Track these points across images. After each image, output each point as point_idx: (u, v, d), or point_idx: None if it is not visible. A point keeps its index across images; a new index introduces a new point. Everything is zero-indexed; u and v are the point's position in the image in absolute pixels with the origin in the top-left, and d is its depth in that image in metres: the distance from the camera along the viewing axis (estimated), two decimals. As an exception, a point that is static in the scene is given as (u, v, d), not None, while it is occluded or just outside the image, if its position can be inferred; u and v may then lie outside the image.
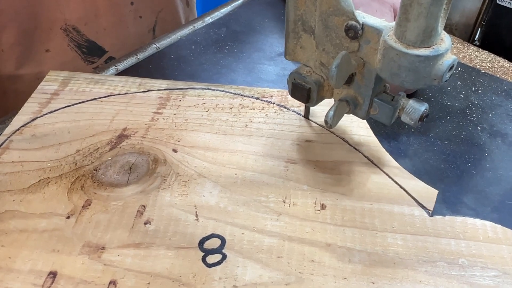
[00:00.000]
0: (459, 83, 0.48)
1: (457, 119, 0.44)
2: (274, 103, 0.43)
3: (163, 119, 0.41)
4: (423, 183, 0.36)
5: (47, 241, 0.31)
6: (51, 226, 0.32)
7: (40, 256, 0.30)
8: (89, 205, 0.34)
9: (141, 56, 0.50)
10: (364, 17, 0.30)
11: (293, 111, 0.42)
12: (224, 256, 0.31)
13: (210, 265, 0.30)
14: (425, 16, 0.26)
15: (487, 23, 0.56)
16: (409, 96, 0.36)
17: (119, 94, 0.43)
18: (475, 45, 0.57)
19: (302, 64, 0.36)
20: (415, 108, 0.32)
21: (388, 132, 0.42)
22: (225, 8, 0.59)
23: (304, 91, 0.36)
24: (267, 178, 0.36)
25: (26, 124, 0.40)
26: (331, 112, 0.33)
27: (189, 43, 0.53)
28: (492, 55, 0.54)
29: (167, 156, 0.37)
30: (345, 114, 0.35)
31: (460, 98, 0.46)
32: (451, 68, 0.28)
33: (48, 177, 0.35)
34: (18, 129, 0.39)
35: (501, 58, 0.53)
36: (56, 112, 0.41)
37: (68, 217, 0.33)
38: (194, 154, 0.37)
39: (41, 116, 0.41)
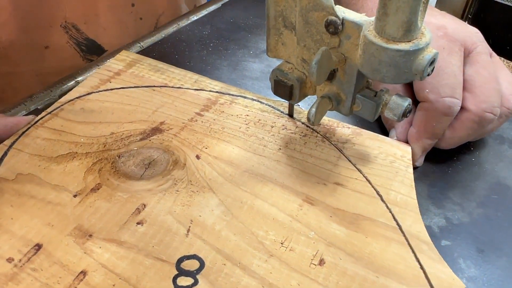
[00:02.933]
0: None
1: None
2: (319, 132, 0.39)
3: (202, 121, 0.40)
4: (450, 270, 0.30)
5: (48, 213, 0.32)
6: (57, 200, 0.33)
7: (36, 226, 0.32)
8: (98, 189, 0.34)
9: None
10: (344, 12, 0.30)
11: (335, 146, 0.38)
12: (196, 282, 0.29)
13: (178, 287, 0.29)
14: (404, 10, 0.25)
15: (473, 16, 0.56)
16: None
17: (172, 87, 0.43)
18: None
19: (284, 61, 0.36)
20: (398, 104, 0.32)
21: (373, 126, 0.42)
22: (211, 6, 0.59)
23: (286, 88, 0.35)
24: (275, 212, 0.33)
25: (81, 96, 0.42)
26: (313, 109, 0.33)
27: (172, 41, 0.52)
28: None
29: (188, 160, 0.36)
30: (386, 164, 0.31)
31: None
32: (432, 63, 0.28)
33: (76, 152, 0.37)
34: (72, 99, 0.42)
35: None
36: (110, 91, 0.43)
37: (75, 196, 0.34)
38: (214, 166, 0.36)
39: (97, 91, 0.43)
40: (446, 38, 0.37)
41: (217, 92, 0.43)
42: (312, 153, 0.37)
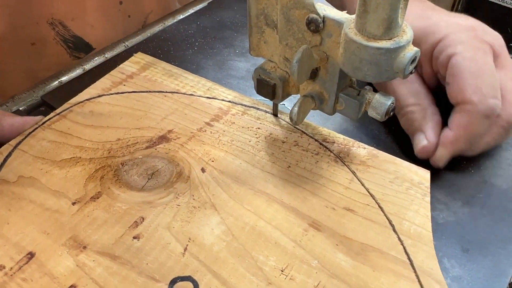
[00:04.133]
0: None
1: None
2: (332, 151, 0.37)
3: (210, 132, 0.38)
4: (463, 316, 0.28)
5: (45, 220, 0.32)
6: (55, 207, 0.32)
7: (31, 233, 0.31)
8: (98, 198, 0.33)
9: (109, 54, 0.49)
10: (325, 9, 0.30)
11: (349, 168, 0.36)
12: (187, 307, 0.27)
13: (168, 311, 0.27)
14: (384, 7, 0.25)
15: (461, 13, 0.52)
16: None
17: (184, 94, 0.42)
18: None
19: (267, 60, 0.35)
20: (381, 102, 0.31)
21: (359, 126, 0.41)
22: (198, 6, 0.58)
23: (269, 87, 0.35)
24: (278, 236, 0.31)
25: (91, 99, 0.41)
26: (296, 109, 0.33)
27: (158, 41, 0.51)
28: None
29: (192, 173, 0.35)
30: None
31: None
32: (413, 61, 0.27)
33: (80, 157, 0.36)
34: (82, 101, 0.41)
35: None
36: (121, 94, 0.42)
37: (73, 203, 0.33)
38: (219, 181, 0.34)
39: (108, 94, 0.42)
40: (477, 39, 0.35)
41: (229, 101, 0.41)
42: (323, 174, 0.35)
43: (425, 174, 0.35)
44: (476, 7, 0.54)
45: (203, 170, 0.35)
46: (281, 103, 0.38)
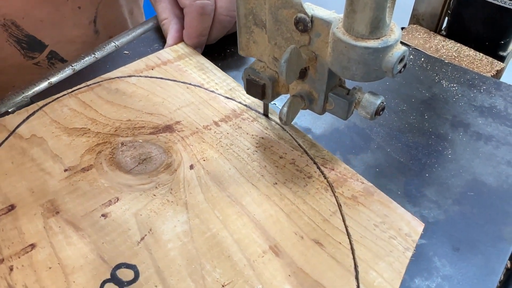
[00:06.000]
0: (422, 74, 0.48)
1: (419, 111, 0.44)
2: (327, 178, 0.35)
3: (214, 132, 0.38)
4: None
5: (36, 179, 0.34)
6: (49, 169, 0.35)
7: (20, 188, 0.33)
8: (88, 170, 0.35)
9: (99, 54, 0.48)
10: (313, 9, 0.30)
11: (336, 199, 0.34)
12: (120, 294, 0.28)
13: (102, 292, 0.28)
14: (371, 6, 0.25)
15: (453, 12, 0.55)
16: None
17: (206, 89, 0.43)
18: (442, 35, 0.57)
19: (257, 60, 0.35)
20: (370, 102, 0.31)
21: (350, 124, 0.42)
22: None
23: (258, 87, 0.35)
24: (234, 250, 0.30)
25: (121, 77, 0.44)
26: (285, 109, 0.33)
27: (148, 40, 0.51)
28: (458, 44, 0.54)
29: (180, 167, 0.35)
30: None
31: (423, 89, 0.46)
32: (401, 60, 0.27)
33: (89, 129, 0.38)
34: (113, 78, 0.43)
35: (467, 47, 0.54)
36: (149, 78, 0.44)
37: (65, 170, 0.35)
38: (202, 182, 0.34)
39: (138, 76, 0.44)
40: None
41: (246, 105, 0.41)
42: (307, 200, 0.34)
43: (417, 226, 0.32)
44: (468, 4, 0.54)
45: (191, 167, 0.36)
46: (272, 103, 0.37)
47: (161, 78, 0.44)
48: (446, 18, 0.58)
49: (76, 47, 0.57)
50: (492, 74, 0.51)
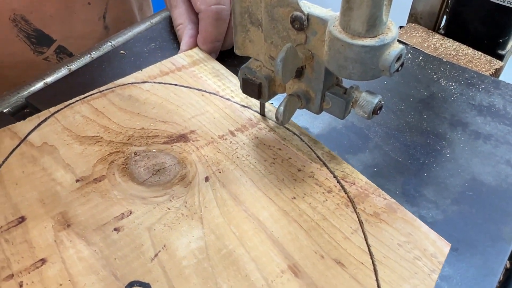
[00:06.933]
0: (420, 73, 0.47)
1: (417, 110, 0.43)
2: (347, 193, 0.34)
3: (230, 142, 0.37)
4: None
5: (47, 189, 0.33)
6: (60, 179, 0.34)
7: (31, 198, 0.33)
8: (100, 181, 0.34)
9: (95, 54, 0.47)
10: (309, 7, 0.29)
11: (358, 216, 0.32)
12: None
13: (114, 312, 0.27)
14: (368, 4, 0.25)
15: (451, 10, 0.56)
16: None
17: (222, 97, 0.41)
18: (440, 33, 0.57)
19: (253, 59, 0.35)
20: (368, 101, 0.31)
21: (348, 123, 0.41)
22: None
23: (254, 87, 0.34)
24: (252, 269, 0.29)
25: (135, 83, 0.42)
26: (281, 108, 0.32)
27: (144, 40, 0.50)
28: (457, 43, 0.54)
29: (195, 179, 0.34)
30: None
31: (421, 88, 0.46)
32: (399, 58, 0.27)
33: (102, 138, 0.37)
34: (126, 84, 0.42)
35: (465, 46, 0.54)
36: (163, 85, 0.42)
37: (77, 180, 0.34)
38: (217, 195, 0.33)
39: (151, 82, 0.43)
40: None
41: (262, 115, 0.40)
42: (327, 216, 0.32)
43: (444, 247, 0.30)
44: (466, 3, 0.54)
45: (206, 179, 0.34)
46: (269, 102, 0.37)
47: (175, 85, 0.42)
48: (445, 17, 0.58)
49: (85, 43, 0.56)
50: (491, 73, 0.51)
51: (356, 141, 0.40)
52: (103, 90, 0.41)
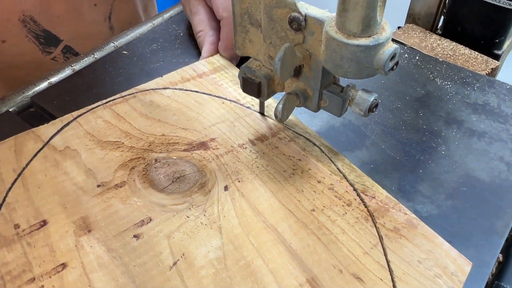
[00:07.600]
0: (416, 72, 0.48)
1: (414, 108, 0.44)
2: (367, 207, 0.33)
3: (250, 151, 0.37)
4: None
5: (68, 194, 0.34)
6: (82, 184, 0.34)
7: (52, 202, 0.33)
8: (121, 187, 0.34)
9: (98, 55, 0.47)
10: (307, 8, 0.30)
11: (378, 231, 0.32)
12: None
13: (132, 320, 0.27)
14: (362, 5, 0.26)
15: (448, 11, 0.57)
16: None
17: (242, 105, 0.41)
18: (438, 33, 0.58)
19: (253, 58, 0.36)
20: (364, 99, 0.32)
21: (345, 121, 0.42)
22: None
23: (254, 86, 0.35)
24: (269, 281, 0.29)
25: (156, 89, 0.43)
26: (280, 106, 0.33)
27: (146, 41, 0.51)
28: (454, 43, 0.55)
29: (214, 188, 0.34)
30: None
31: (418, 87, 0.46)
32: (393, 57, 0.28)
33: (123, 143, 0.37)
34: (147, 90, 0.43)
35: (462, 46, 0.55)
36: (184, 91, 0.43)
37: (98, 186, 0.34)
38: (236, 205, 0.33)
39: (172, 88, 0.43)
40: None
41: (284, 124, 0.40)
42: (347, 230, 0.32)
43: (465, 265, 0.30)
44: (463, 4, 0.55)
45: (226, 188, 0.34)
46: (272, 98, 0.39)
47: (196, 92, 0.43)
48: (442, 17, 0.58)
49: (91, 43, 0.58)
50: (487, 72, 0.51)
51: (353, 138, 0.41)
52: (126, 96, 0.42)
